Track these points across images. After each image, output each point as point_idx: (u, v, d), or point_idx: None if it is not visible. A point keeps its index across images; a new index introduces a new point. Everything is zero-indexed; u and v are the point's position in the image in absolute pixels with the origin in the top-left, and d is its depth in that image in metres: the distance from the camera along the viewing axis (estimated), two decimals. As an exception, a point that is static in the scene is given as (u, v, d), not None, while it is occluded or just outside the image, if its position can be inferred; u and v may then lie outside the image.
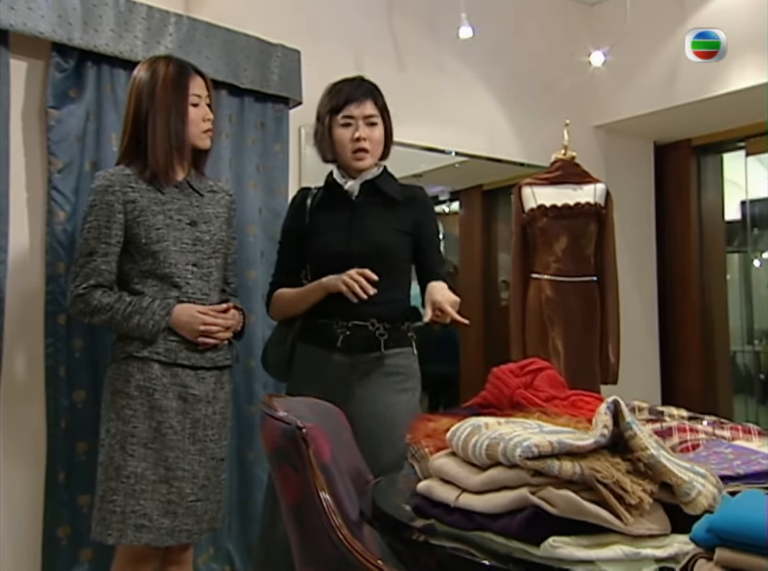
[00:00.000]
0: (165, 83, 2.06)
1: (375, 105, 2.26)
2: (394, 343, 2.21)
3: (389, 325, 2.20)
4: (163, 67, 2.08)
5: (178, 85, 2.08)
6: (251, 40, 2.87)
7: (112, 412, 2.01)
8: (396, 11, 3.54)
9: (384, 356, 2.19)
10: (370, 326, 2.19)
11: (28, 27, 2.36)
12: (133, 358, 2.02)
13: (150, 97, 2.05)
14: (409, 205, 2.29)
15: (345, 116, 2.23)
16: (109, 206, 2.02)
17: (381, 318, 2.19)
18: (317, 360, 2.23)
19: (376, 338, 2.18)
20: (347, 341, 2.18)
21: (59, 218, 2.43)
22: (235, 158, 2.87)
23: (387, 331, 2.19)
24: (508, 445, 1.01)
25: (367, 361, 2.18)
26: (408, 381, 2.22)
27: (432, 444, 1.32)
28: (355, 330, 2.18)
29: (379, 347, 2.18)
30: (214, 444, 2.08)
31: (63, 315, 2.40)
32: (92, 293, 2.01)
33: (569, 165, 3.36)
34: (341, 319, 2.19)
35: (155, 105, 2.05)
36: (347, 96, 2.24)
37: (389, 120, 2.30)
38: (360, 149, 2.23)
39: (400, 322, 2.24)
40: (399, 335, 2.23)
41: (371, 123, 2.24)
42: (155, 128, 2.04)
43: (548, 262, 3.26)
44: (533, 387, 1.63)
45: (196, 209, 2.14)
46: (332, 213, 2.27)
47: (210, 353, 2.09)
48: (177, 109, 2.07)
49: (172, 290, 2.06)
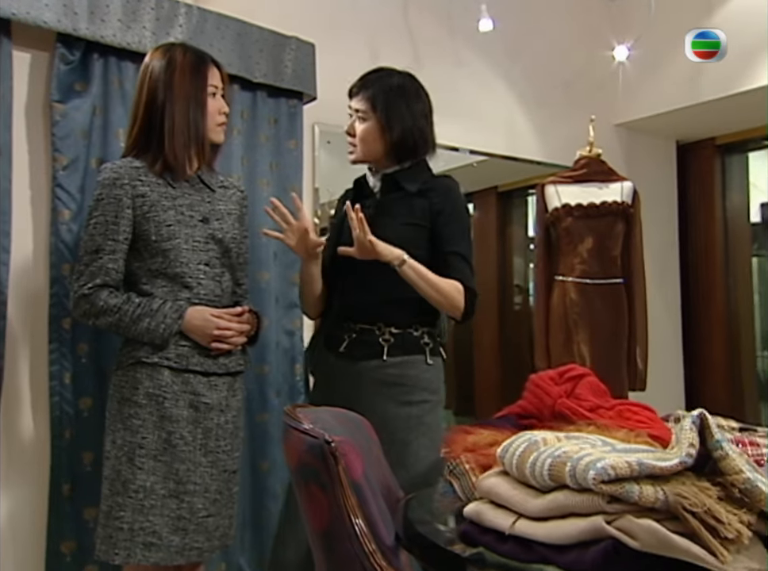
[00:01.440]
0: (183, 71, 1.95)
1: (366, 98, 2.14)
2: (400, 351, 2.06)
3: (396, 330, 2.07)
4: (180, 55, 1.97)
5: (196, 74, 1.97)
6: (265, 32, 2.75)
7: (118, 422, 1.89)
8: (412, 3, 3.43)
9: (386, 364, 2.04)
10: (376, 330, 2.06)
11: (32, 16, 2.24)
12: (142, 363, 1.90)
13: (167, 86, 1.93)
14: (429, 195, 2.13)
15: (349, 107, 2.19)
16: (117, 200, 1.90)
17: (389, 322, 2.06)
18: (325, 366, 2.14)
19: (379, 344, 2.05)
20: (350, 347, 2.07)
21: (64, 217, 2.31)
22: (247, 155, 2.75)
23: (393, 336, 2.06)
24: (578, 465, 0.89)
25: (368, 369, 2.05)
26: (416, 393, 2.05)
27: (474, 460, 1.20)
28: (361, 334, 2.07)
29: (381, 354, 2.04)
30: (226, 455, 1.96)
31: (67, 319, 2.29)
32: (98, 294, 1.89)
33: (594, 162, 3.24)
34: (351, 321, 2.08)
35: (173, 94, 1.93)
36: (352, 88, 2.20)
37: (386, 114, 2.12)
38: (349, 143, 2.17)
39: (413, 327, 2.09)
40: (408, 342, 2.08)
41: (360, 118, 2.15)
42: (173, 119, 1.93)
43: (573, 264, 3.14)
44: (575, 395, 1.51)
45: (208, 205, 2.02)
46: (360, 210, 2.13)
47: (223, 358, 1.97)
48: (196, 98, 1.95)
49: (183, 291, 1.94)
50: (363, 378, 2.05)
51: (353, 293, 2.10)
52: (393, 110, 2.13)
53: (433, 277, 2.01)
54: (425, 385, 2.07)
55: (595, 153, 3.26)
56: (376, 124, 2.13)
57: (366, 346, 2.05)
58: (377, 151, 2.15)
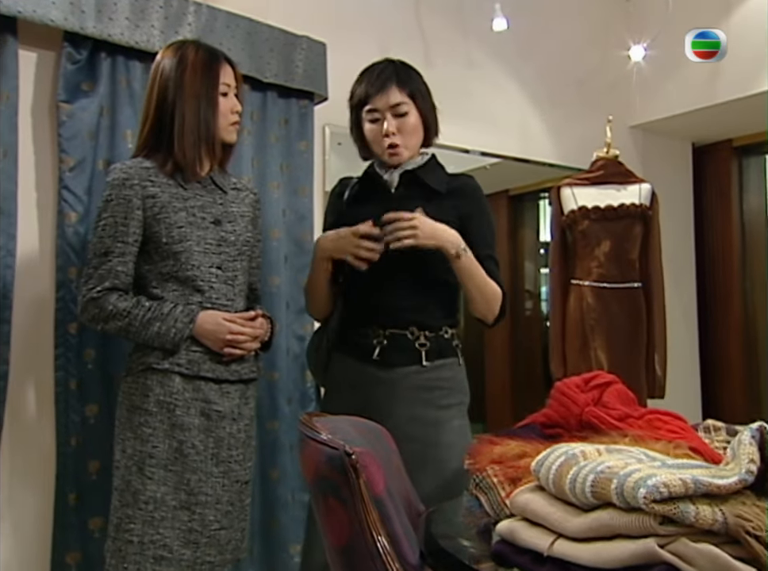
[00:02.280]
0: (194, 69, 1.89)
1: (401, 89, 2.00)
2: (437, 354, 2.00)
3: (431, 333, 1.99)
4: (192, 52, 1.91)
5: (208, 72, 1.91)
6: (275, 31, 2.70)
7: (128, 431, 1.83)
8: (423, 3, 3.37)
9: (425, 369, 1.97)
10: (409, 335, 1.98)
11: (38, 14, 2.19)
12: (152, 370, 1.83)
13: (178, 85, 1.88)
14: (455, 196, 2.05)
15: (370, 110, 2.03)
16: (126, 201, 1.85)
17: (421, 326, 1.99)
18: (353, 373, 2.04)
19: (416, 349, 1.98)
20: (384, 353, 1.98)
21: (71, 220, 2.25)
22: (257, 156, 2.69)
23: (429, 340, 1.99)
24: (626, 482, 0.82)
25: (406, 375, 1.97)
26: (453, 395, 2.00)
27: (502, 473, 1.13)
28: (393, 340, 1.98)
29: (420, 360, 1.97)
30: (239, 466, 1.90)
31: (74, 323, 2.23)
32: (107, 297, 1.83)
33: (612, 164, 3.17)
34: (378, 327, 1.99)
35: (184, 92, 1.87)
36: (368, 86, 2.03)
37: (425, 102, 2.05)
38: (391, 145, 2.02)
39: (443, 329, 2.03)
40: (442, 345, 2.02)
41: (399, 113, 2.00)
42: (183, 118, 1.87)
43: (590, 268, 3.07)
44: (602, 404, 1.44)
45: (220, 207, 1.96)
46: (368, 207, 2.04)
47: (235, 365, 1.91)
48: (207, 97, 1.90)
49: (194, 295, 1.88)
50: (400, 385, 1.97)
51: (379, 295, 2.00)
52: (423, 95, 2.05)
53: (484, 278, 1.97)
54: (460, 387, 2.04)
55: (612, 154, 3.19)
56: (418, 116, 2.04)
57: (402, 352, 1.97)
58: (418, 144, 2.07)
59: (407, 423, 1.92)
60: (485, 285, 1.98)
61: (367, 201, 2.07)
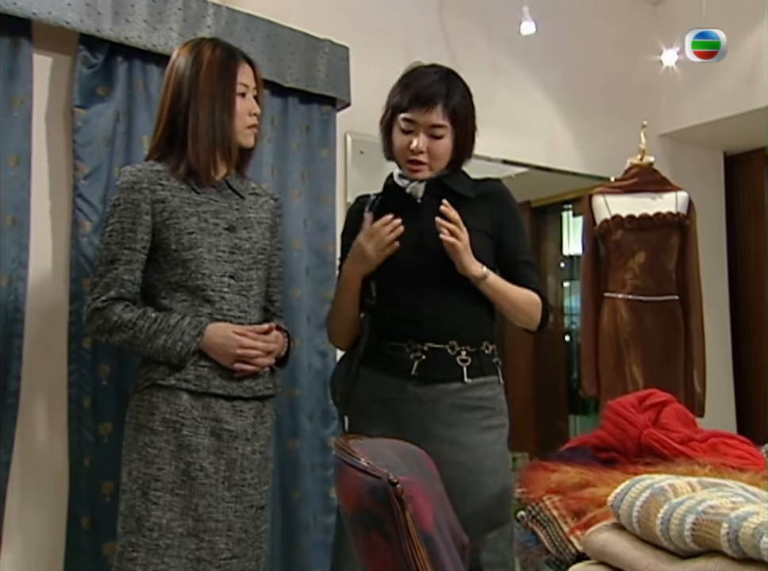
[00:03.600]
0: (210, 69, 1.79)
1: (445, 111, 1.87)
2: (478, 371, 1.87)
3: (471, 349, 1.87)
4: (208, 51, 1.81)
5: (225, 71, 1.81)
6: (297, 34, 2.61)
7: (134, 451, 1.72)
8: (448, 6, 3.29)
9: (467, 387, 1.85)
10: (449, 350, 1.86)
11: (53, 16, 2.12)
12: (158, 386, 1.73)
13: (192, 84, 1.78)
14: (486, 200, 1.94)
15: (406, 119, 1.90)
16: (134, 206, 1.75)
17: (462, 340, 1.87)
18: (386, 390, 1.91)
19: (458, 364, 1.86)
20: (422, 368, 1.85)
21: (85, 229, 2.17)
22: (277, 164, 2.60)
23: (470, 356, 1.87)
24: (742, 528, 0.70)
25: (447, 393, 1.85)
26: (495, 417, 1.88)
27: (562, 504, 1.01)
28: (432, 355, 1.86)
29: (461, 377, 1.85)
30: (253, 489, 1.78)
31: (88, 338, 2.14)
32: (112, 308, 1.73)
33: (646, 171, 3.06)
34: (414, 341, 1.87)
35: (198, 92, 1.78)
36: (414, 95, 1.89)
37: (464, 128, 1.92)
38: (415, 161, 1.91)
39: (484, 345, 1.91)
40: (484, 361, 1.90)
41: (435, 135, 1.89)
42: (197, 119, 1.77)
43: (624, 280, 2.95)
44: (661, 425, 1.32)
45: (235, 213, 1.86)
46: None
47: (249, 381, 1.80)
48: (223, 98, 1.80)
49: (204, 306, 1.77)
50: (441, 403, 1.85)
51: (415, 308, 1.88)
52: (468, 124, 1.94)
53: (513, 292, 1.88)
54: (501, 408, 1.92)
55: (647, 161, 3.07)
56: (451, 140, 1.92)
57: (443, 368, 1.86)
58: (444, 166, 1.96)
59: (448, 447, 1.80)
60: (517, 297, 1.89)
61: (394, 214, 1.94)
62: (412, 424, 1.82)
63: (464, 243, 1.78)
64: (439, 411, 1.84)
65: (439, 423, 1.83)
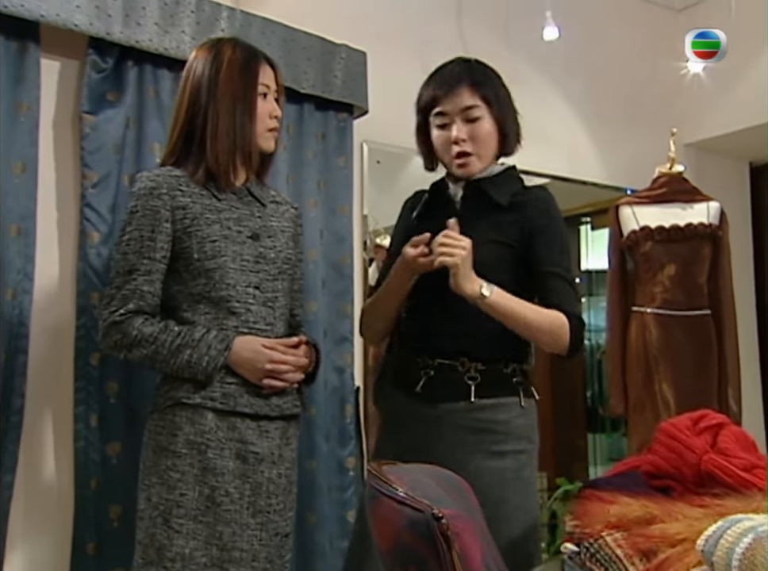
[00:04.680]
0: (231, 68, 1.70)
1: (474, 91, 1.78)
2: (489, 391, 1.74)
3: (483, 366, 1.74)
4: (229, 50, 1.72)
5: (246, 71, 1.72)
6: (313, 38, 2.53)
7: (153, 476, 1.61)
8: (466, 13, 3.20)
9: (474, 407, 1.73)
10: (459, 366, 1.75)
11: (62, 18, 2.04)
12: (182, 405, 1.62)
13: (212, 84, 1.69)
14: (521, 210, 1.79)
15: (439, 113, 1.81)
16: (154, 213, 1.65)
17: (473, 356, 1.74)
18: (399, 409, 1.82)
19: (465, 383, 1.73)
20: (428, 386, 1.75)
21: (93, 240, 2.09)
22: (293, 173, 2.51)
23: (480, 373, 1.74)
24: None
25: (452, 413, 1.74)
26: (509, 442, 1.73)
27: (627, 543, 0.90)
28: (441, 371, 1.75)
29: (468, 395, 1.73)
30: (279, 516, 1.67)
31: (96, 354, 2.06)
32: (131, 321, 1.63)
33: (675, 181, 2.95)
34: (427, 356, 1.77)
35: (218, 93, 1.68)
36: (436, 87, 1.81)
37: (502, 107, 1.82)
38: (460, 154, 1.79)
39: (502, 362, 1.78)
40: (498, 380, 1.76)
41: (470, 118, 1.78)
42: (217, 121, 1.68)
43: (653, 293, 2.83)
44: (721, 450, 1.21)
45: (258, 220, 1.76)
46: (433, 223, 1.81)
47: (276, 398, 1.69)
48: (243, 99, 1.70)
49: (229, 318, 1.67)
50: (445, 424, 1.74)
51: (429, 321, 1.79)
52: (500, 99, 1.83)
53: (528, 312, 1.69)
54: (520, 432, 1.75)
55: (676, 170, 2.97)
56: (493, 122, 1.81)
57: (448, 386, 1.74)
58: (493, 153, 1.84)
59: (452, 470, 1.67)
60: (534, 318, 1.70)
61: (434, 216, 1.84)
62: (419, 444, 1.71)
63: (460, 257, 1.61)
64: (442, 431, 1.74)
65: (444, 445, 1.72)
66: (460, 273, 1.61)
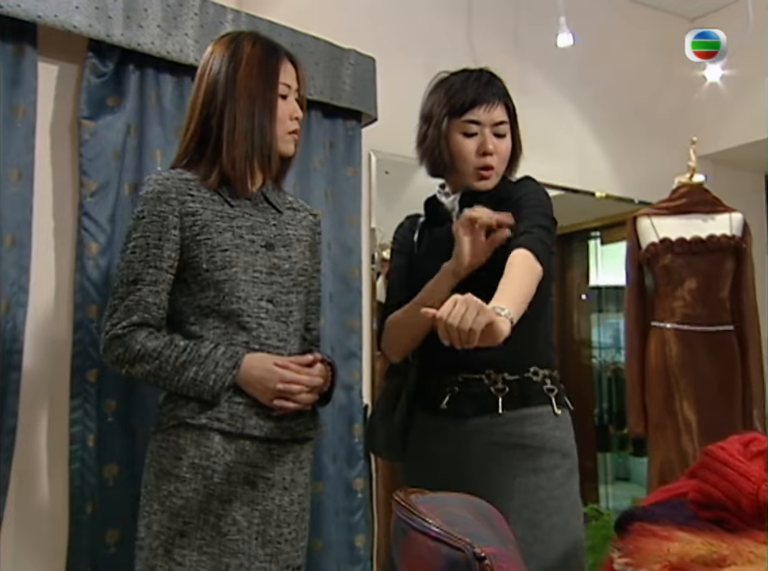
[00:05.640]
0: (250, 66, 1.60)
1: (507, 109, 1.79)
2: (519, 401, 1.64)
3: (511, 376, 1.65)
4: (248, 46, 1.62)
5: (266, 68, 1.61)
6: (320, 43, 2.45)
7: (155, 502, 1.50)
8: (475, 19, 3.13)
9: (504, 420, 1.63)
10: (485, 379, 1.66)
11: (60, 19, 1.97)
12: (186, 426, 1.51)
13: (229, 83, 1.58)
14: (509, 202, 1.72)
15: (470, 121, 1.74)
16: (161, 219, 1.55)
17: (499, 368, 1.65)
18: (425, 430, 1.73)
19: (492, 394, 1.64)
20: (454, 402, 1.67)
21: (91, 251, 2.01)
22: (299, 182, 2.42)
23: (508, 384, 1.65)
24: None
25: (480, 429, 1.64)
26: (544, 457, 1.62)
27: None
28: (466, 386, 1.67)
29: (496, 407, 1.63)
30: (290, 546, 1.56)
31: (93, 370, 1.98)
32: (134, 335, 1.52)
33: (696, 191, 2.87)
34: (451, 372, 1.68)
35: (236, 92, 1.58)
36: (474, 95, 1.75)
37: (517, 126, 1.83)
38: (486, 167, 1.74)
39: (531, 370, 1.68)
40: (527, 389, 1.66)
41: (499, 133, 1.76)
42: (234, 122, 1.57)
43: (673, 308, 2.74)
44: (774, 477, 1.09)
45: (273, 229, 1.66)
46: (433, 240, 1.78)
47: (288, 421, 1.58)
48: (263, 99, 1.60)
49: (239, 333, 1.56)
50: (474, 441, 1.64)
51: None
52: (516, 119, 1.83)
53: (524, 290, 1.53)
54: (555, 446, 1.64)
55: (697, 180, 2.88)
56: (511, 139, 1.80)
57: (475, 400, 1.65)
58: (502, 173, 1.81)
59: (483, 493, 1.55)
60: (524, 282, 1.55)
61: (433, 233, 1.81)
62: (446, 466, 1.62)
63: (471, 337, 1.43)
64: (471, 449, 1.64)
65: (473, 465, 1.63)
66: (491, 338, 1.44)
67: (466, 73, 1.82)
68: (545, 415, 1.65)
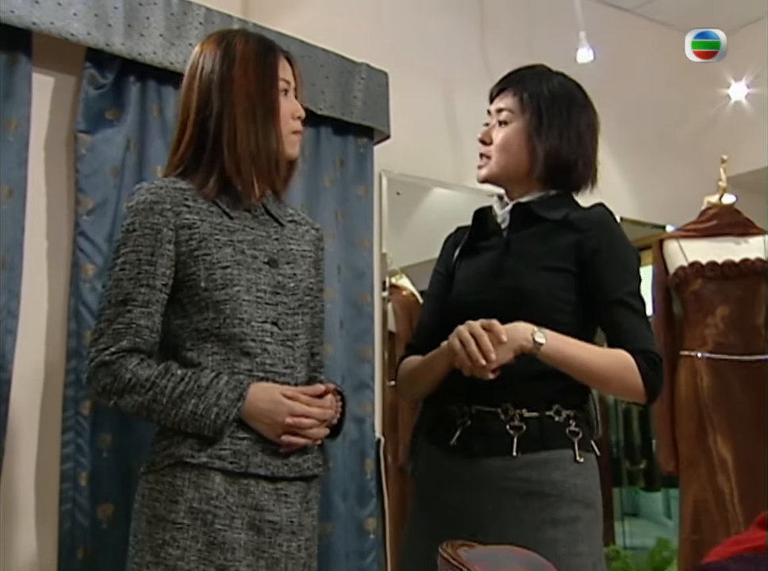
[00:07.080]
0: (245, 63, 1.47)
1: (514, 95, 1.64)
2: (538, 443, 1.49)
3: (531, 414, 1.50)
4: (240, 43, 1.49)
5: (263, 65, 1.49)
6: (331, 56, 2.35)
7: (147, 553, 1.33)
8: (490, 35, 3.06)
9: (519, 464, 1.48)
10: (501, 414, 1.50)
11: (56, 27, 1.90)
12: (184, 465, 1.35)
13: (224, 84, 1.45)
14: (575, 229, 1.57)
15: (488, 111, 1.72)
16: (154, 232, 1.40)
17: (519, 402, 1.50)
18: (435, 467, 1.59)
19: (506, 433, 1.49)
20: (465, 438, 1.52)
21: (87, 274, 1.93)
22: (308, 202, 2.32)
23: (526, 422, 1.49)
24: None
25: (492, 472, 1.49)
26: (563, 507, 1.45)
27: None
28: (479, 420, 1.52)
29: (510, 449, 1.48)
30: None
31: (87, 402, 1.89)
32: (124, 362, 1.37)
33: (726, 212, 2.75)
34: (464, 402, 1.54)
35: (233, 92, 1.45)
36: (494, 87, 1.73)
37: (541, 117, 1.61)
38: (480, 155, 1.68)
39: (554, 408, 1.52)
40: (549, 430, 1.50)
41: (501, 121, 1.64)
42: (234, 127, 1.44)
43: (704, 336, 2.60)
44: None
45: (275, 243, 1.51)
46: (478, 253, 1.64)
47: (295, 457, 1.43)
48: (263, 99, 1.47)
49: (242, 360, 1.41)
50: (485, 485, 1.49)
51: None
52: (550, 113, 1.62)
53: (588, 356, 1.47)
54: (576, 495, 1.48)
55: (727, 201, 2.76)
56: (523, 129, 1.62)
57: (487, 438, 1.50)
58: (517, 166, 1.63)
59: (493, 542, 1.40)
60: (597, 362, 1.47)
61: (480, 246, 1.67)
62: (457, 513, 1.48)
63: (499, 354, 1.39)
64: (483, 496, 1.49)
65: (485, 514, 1.47)
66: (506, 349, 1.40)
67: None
68: (565, 461, 1.49)
